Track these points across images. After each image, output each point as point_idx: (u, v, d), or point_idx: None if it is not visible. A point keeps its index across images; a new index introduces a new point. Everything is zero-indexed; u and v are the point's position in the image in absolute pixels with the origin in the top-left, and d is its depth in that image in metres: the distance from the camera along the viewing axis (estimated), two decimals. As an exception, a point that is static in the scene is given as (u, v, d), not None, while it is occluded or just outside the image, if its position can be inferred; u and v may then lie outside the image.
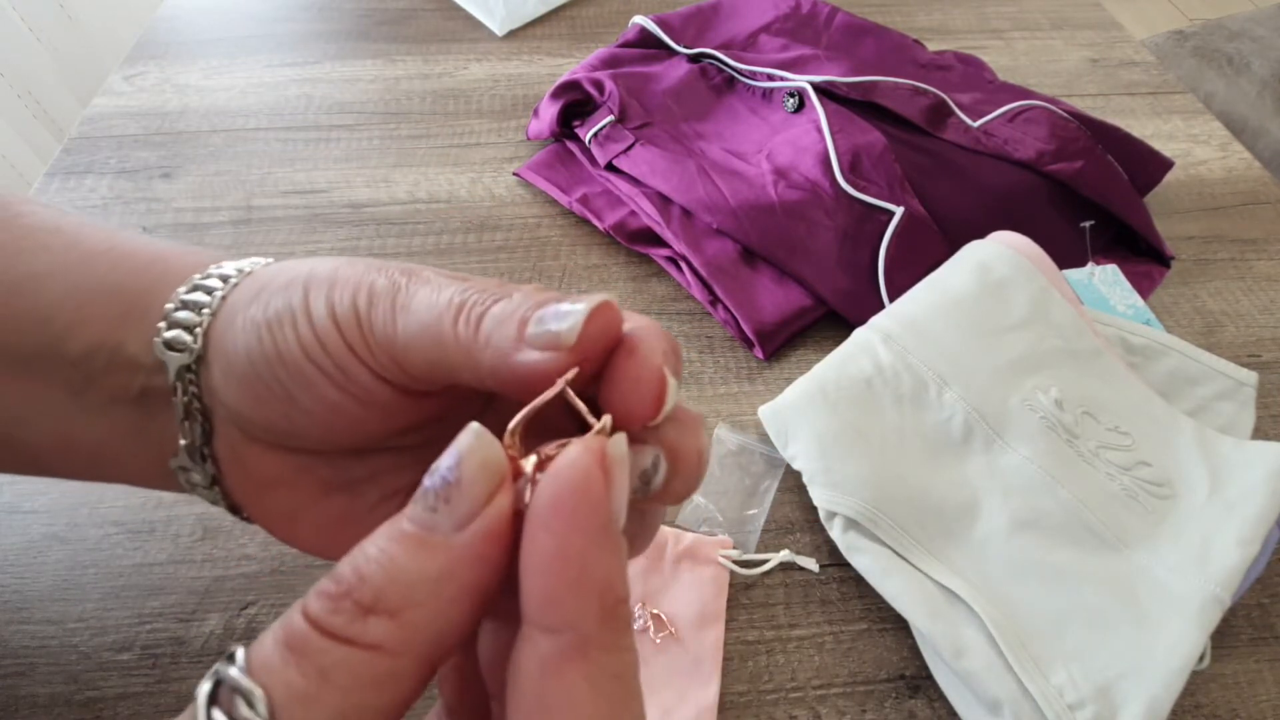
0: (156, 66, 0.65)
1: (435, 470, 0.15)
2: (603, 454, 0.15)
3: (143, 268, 0.23)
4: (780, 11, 0.65)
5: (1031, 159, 0.51)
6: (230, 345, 0.21)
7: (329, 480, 0.23)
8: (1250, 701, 0.35)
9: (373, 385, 0.20)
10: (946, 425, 0.40)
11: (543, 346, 0.17)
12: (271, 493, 0.23)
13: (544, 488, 0.15)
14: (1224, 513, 0.37)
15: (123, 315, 0.22)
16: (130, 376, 0.23)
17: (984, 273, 0.44)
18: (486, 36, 0.70)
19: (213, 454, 0.23)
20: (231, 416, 0.22)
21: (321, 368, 0.20)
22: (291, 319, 0.20)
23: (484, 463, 0.15)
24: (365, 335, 0.20)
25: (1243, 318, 0.51)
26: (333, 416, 0.21)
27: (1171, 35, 1.09)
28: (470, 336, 0.18)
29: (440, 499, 0.15)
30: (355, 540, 0.22)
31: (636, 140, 0.54)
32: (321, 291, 0.20)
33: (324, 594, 0.14)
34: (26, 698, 0.33)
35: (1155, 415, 0.40)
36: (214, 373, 0.22)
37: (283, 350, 0.20)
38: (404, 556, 0.14)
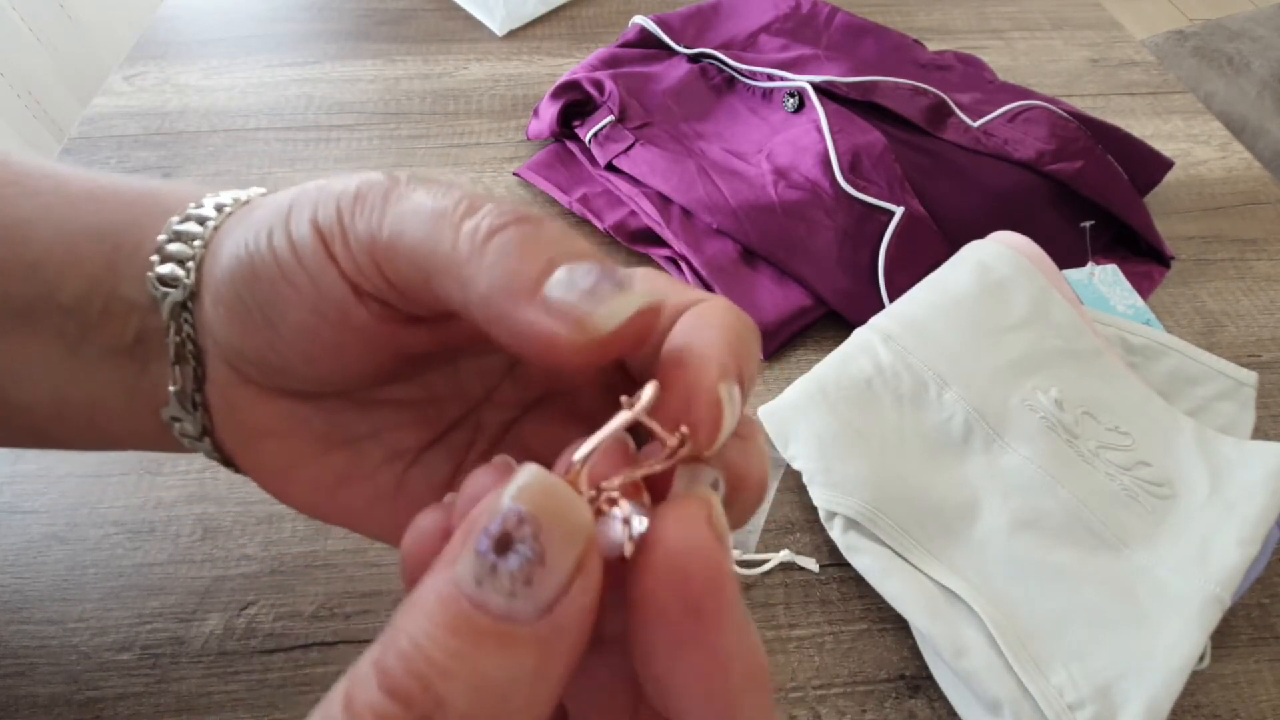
0: (156, 66, 0.65)
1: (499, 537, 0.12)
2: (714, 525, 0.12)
3: (130, 202, 0.22)
4: (780, 11, 0.65)
5: (1031, 159, 0.51)
6: (218, 271, 0.19)
7: (327, 434, 0.21)
8: (1250, 701, 0.35)
9: (347, 301, 0.17)
10: (946, 425, 0.40)
11: (563, 318, 0.14)
12: (264, 443, 0.21)
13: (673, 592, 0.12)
14: (1224, 513, 0.37)
15: (112, 253, 0.21)
16: (125, 320, 0.21)
17: (984, 273, 0.44)
18: (486, 36, 0.70)
19: (204, 401, 0.21)
20: (222, 353, 0.20)
21: (294, 283, 0.18)
22: (268, 231, 0.18)
23: (567, 526, 0.12)
24: (345, 233, 0.17)
25: (1243, 318, 0.50)
26: (311, 345, 0.18)
27: (1171, 35, 1.09)
28: (473, 248, 0.15)
29: (519, 580, 0.11)
30: (352, 506, 0.20)
31: (636, 140, 0.54)
32: (308, 200, 0.18)
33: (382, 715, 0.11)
34: (26, 698, 0.33)
35: (1155, 415, 0.40)
36: (205, 304, 0.20)
37: (258, 266, 0.18)
38: (485, 660, 0.11)
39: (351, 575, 0.37)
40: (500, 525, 0.12)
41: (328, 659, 0.35)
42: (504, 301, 0.14)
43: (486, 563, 0.11)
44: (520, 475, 0.12)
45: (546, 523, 0.12)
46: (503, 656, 0.11)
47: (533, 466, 0.12)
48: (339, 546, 0.38)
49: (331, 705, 0.11)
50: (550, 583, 0.12)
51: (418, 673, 0.11)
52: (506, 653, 0.11)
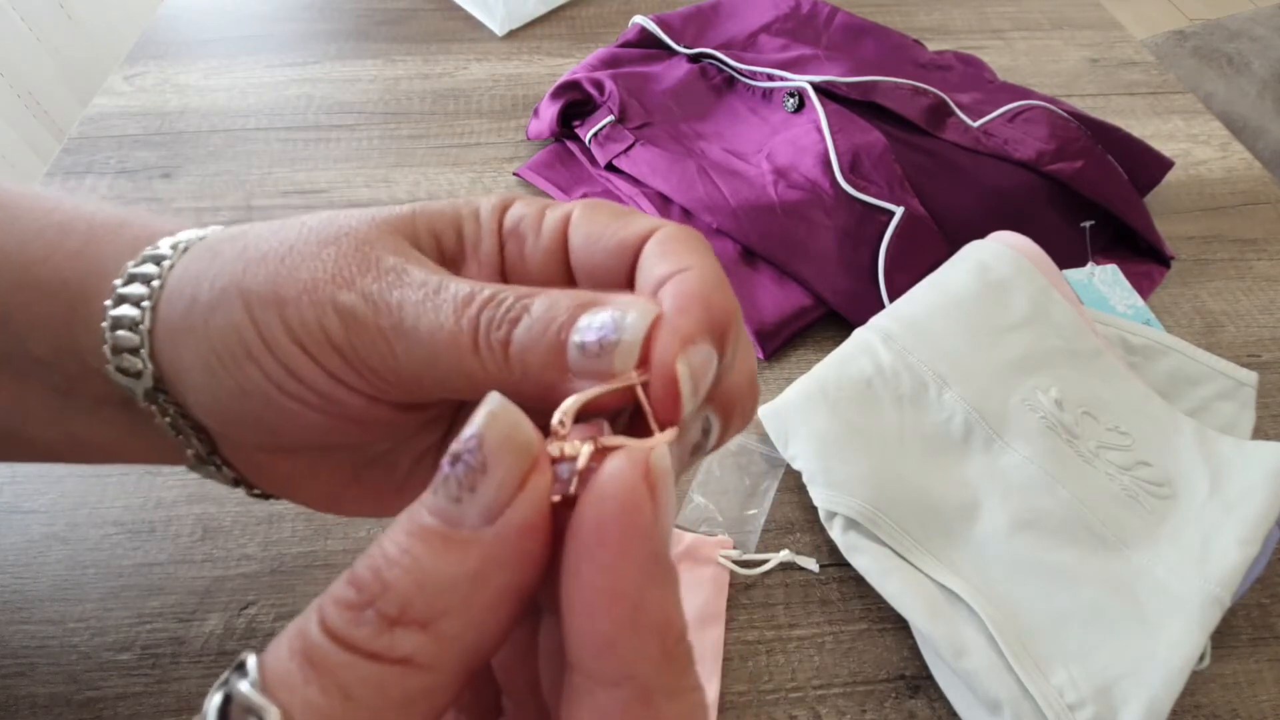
0: (156, 66, 0.65)
1: (454, 452, 0.13)
2: (647, 468, 0.13)
3: (78, 250, 0.21)
4: (780, 11, 0.65)
5: (1031, 159, 0.51)
6: (187, 376, 0.19)
7: (354, 463, 0.21)
8: (1250, 701, 0.35)
9: (367, 408, 0.18)
10: (946, 425, 0.40)
11: (595, 377, 0.15)
12: (301, 485, 0.22)
13: (585, 511, 0.13)
14: (1224, 513, 0.37)
15: (69, 316, 0.20)
16: (106, 384, 0.20)
17: (984, 272, 0.44)
18: (486, 36, 0.70)
19: (224, 460, 0.21)
20: (224, 436, 0.20)
21: (299, 398, 0.18)
22: (244, 349, 0.18)
23: (510, 441, 0.13)
24: (352, 364, 0.17)
25: (1243, 318, 0.50)
26: (324, 434, 0.19)
27: (1171, 35, 1.09)
28: (500, 365, 0.16)
29: (464, 487, 0.13)
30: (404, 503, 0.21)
31: (636, 140, 0.54)
32: (270, 310, 0.17)
33: (343, 603, 0.13)
34: (26, 698, 0.33)
35: (1155, 415, 0.40)
36: (184, 394, 0.19)
37: (245, 386, 0.18)
38: (429, 557, 0.12)
39: (351, 575, 0.37)
40: (458, 444, 0.13)
41: (328, 659, 0.35)
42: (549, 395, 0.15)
43: (442, 474, 0.13)
44: (484, 403, 0.13)
45: (491, 437, 0.13)
46: (443, 554, 0.12)
47: (493, 394, 0.13)
48: (339, 546, 0.38)
49: (307, 610, 0.13)
50: (491, 491, 0.13)
51: (373, 565, 0.13)
52: (447, 552, 0.12)
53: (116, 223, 0.22)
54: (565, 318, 0.15)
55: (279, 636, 0.13)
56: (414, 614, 0.12)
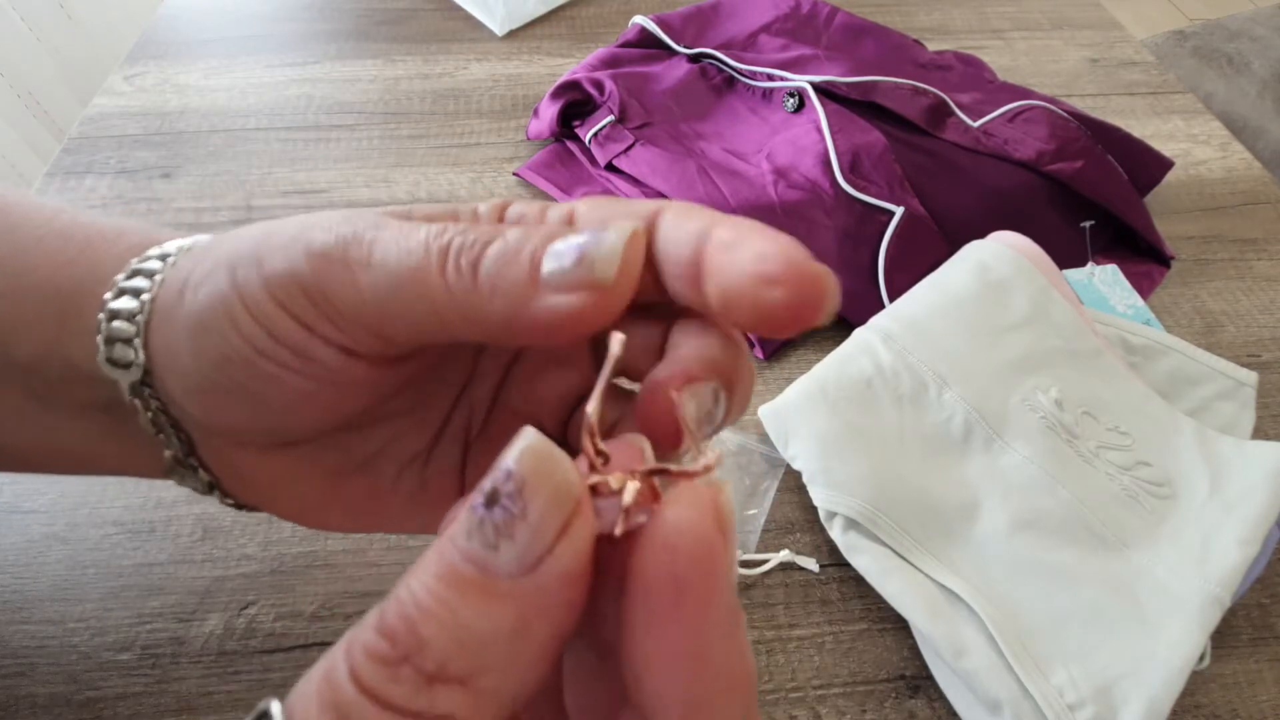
0: (156, 66, 0.65)
1: (489, 493, 0.12)
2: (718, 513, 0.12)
3: (74, 258, 0.21)
4: (780, 11, 0.65)
5: (1031, 159, 0.51)
6: (173, 354, 0.19)
7: (338, 466, 0.21)
8: (1250, 701, 0.35)
9: (343, 363, 0.17)
10: (946, 425, 0.40)
11: (571, 287, 0.14)
12: (282, 491, 0.21)
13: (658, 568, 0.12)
14: (1224, 513, 0.37)
15: (60, 320, 0.20)
16: (90, 388, 0.20)
17: (984, 272, 0.44)
18: (486, 36, 0.70)
19: (202, 463, 0.21)
20: (204, 427, 0.20)
21: (277, 359, 0.17)
22: (225, 311, 0.17)
23: (551, 482, 0.12)
24: (319, 306, 0.17)
25: (1243, 318, 0.50)
26: (307, 406, 0.18)
27: (1171, 35, 1.09)
28: (468, 285, 0.15)
29: (501, 533, 0.12)
30: (390, 515, 0.21)
31: (636, 140, 0.54)
32: (250, 267, 0.17)
33: (376, 656, 0.12)
34: (26, 698, 0.33)
35: (1155, 415, 0.40)
36: (169, 383, 0.19)
37: (227, 351, 0.18)
38: (467, 610, 0.12)
39: (351, 575, 0.37)
40: (491, 482, 0.12)
41: (328, 659, 0.35)
42: (520, 312, 0.15)
43: (476, 516, 0.12)
44: (518, 439, 0.12)
45: (531, 480, 0.12)
46: (483, 607, 0.12)
47: (529, 429, 0.12)
48: (339, 546, 0.38)
49: (335, 648, 0.12)
50: (531, 538, 0.12)
51: (406, 615, 0.12)
52: (487, 604, 0.12)
53: (115, 232, 0.22)
54: (539, 241, 0.15)
55: (304, 682, 0.12)
56: (453, 671, 0.12)
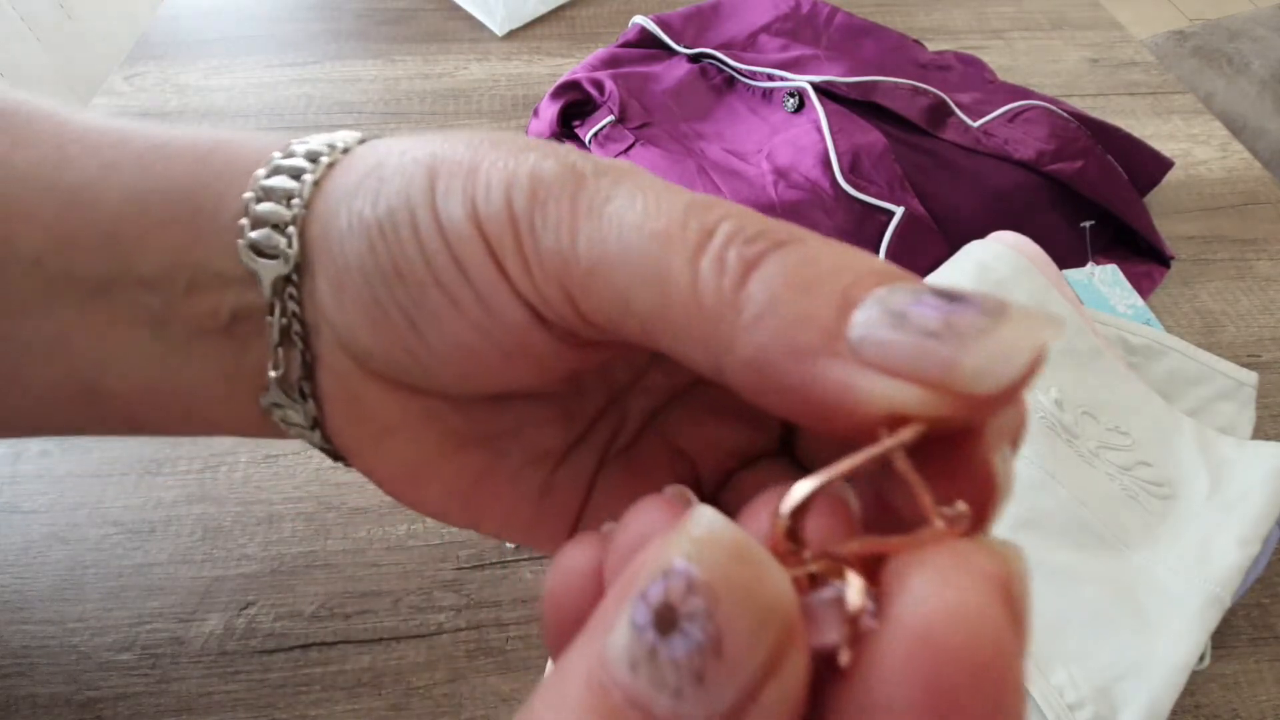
0: (156, 66, 0.65)
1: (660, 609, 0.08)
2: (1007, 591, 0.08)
3: (205, 155, 0.18)
4: (780, 11, 0.65)
5: (1031, 159, 0.51)
6: (337, 250, 0.16)
7: (462, 432, 0.17)
8: (1250, 701, 0.35)
9: (525, 329, 0.14)
10: (946, 425, 0.40)
11: (906, 373, 0.09)
12: (389, 442, 0.18)
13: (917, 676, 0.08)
14: (1224, 513, 0.37)
15: (193, 218, 0.17)
16: (218, 296, 0.18)
17: (984, 272, 0.44)
18: (486, 36, 0.70)
19: (315, 390, 0.18)
20: (343, 342, 0.17)
21: (455, 297, 0.14)
22: (411, 220, 0.14)
23: (763, 613, 0.08)
24: (523, 246, 0.13)
25: (1243, 318, 0.50)
26: (469, 362, 0.15)
27: (1171, 35, 1.09)
28: (726, 292, 0.11)
29: (686, 675, 0.08)
30: (494, 510, 0.18)
31: (636, 140, 0.54)
32: (456, 180, 0.14)
33: None
34: (26, 698, 0.33)
35: (1155, 415, 0.40)
36: (319, 284, 0.16)
37: (403, 267, 0.15)
38: None
39: (351, 575, 0.37)
40: (663, 591, 0.08)
41: (328, 659, 0.35)
42: (788, 363, 0.10)
43: (645, 642, 0.08)
44: (692, 522, 0.09)
45: (726, 596, 0.08)
46: None
47: (708, 511, 0.09)
48: (339, 546, 0.38)
49: None
50: (729, 682, 0.08)
51: None
52: None
53: (252, 135, 0.19)
54: (867, 273, 0.10)
55: None
56: None
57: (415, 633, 0.36)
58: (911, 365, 0.09)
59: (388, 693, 0.34)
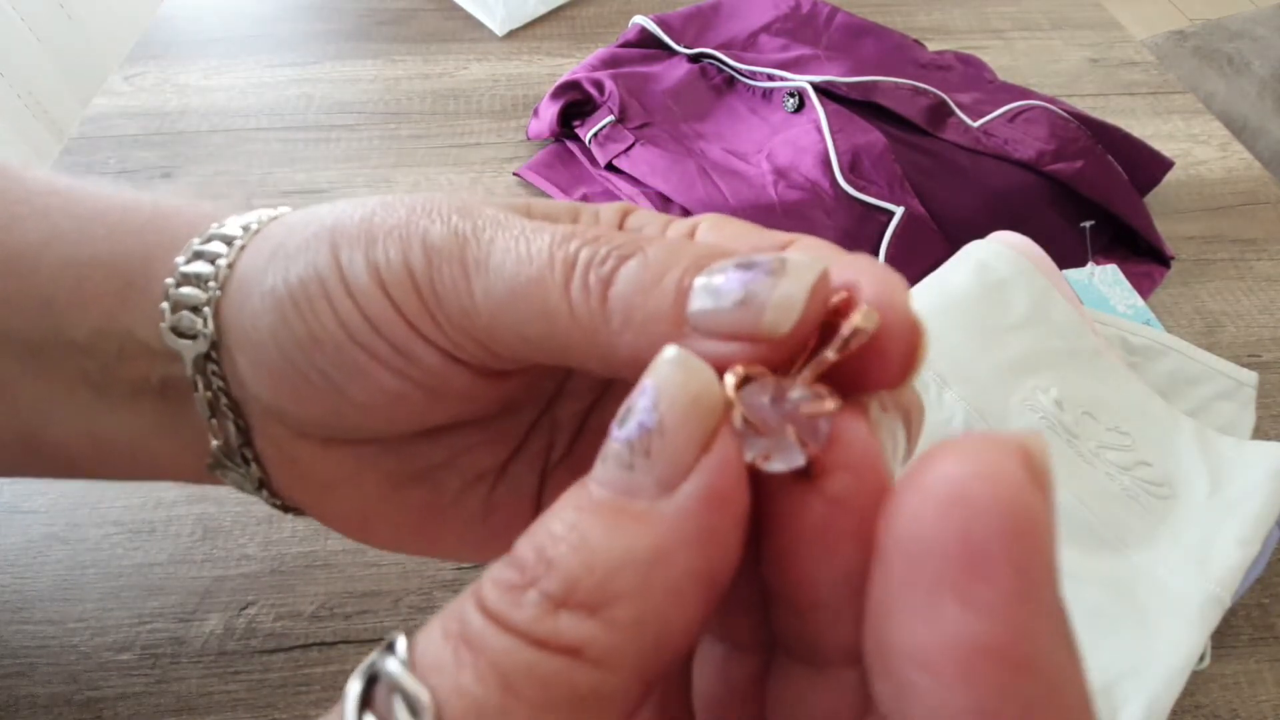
0: (156, 66, 0.65)
1: (627, 413, 0.11)
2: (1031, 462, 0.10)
3: (139, 229, 0.19)
4: (780, 11, 0.65)
5: (1032, 159, 0.51)
6: (250, 327, 0.17)
7: (398, 472, 0.19)
8: (1250, 701, 0.35)
9: (442, 368, 0.16)
10: (947, 425, 0.40)
11: (726, 334, 0.12)
12: (334, 494, 0.19)
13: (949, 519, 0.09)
14: (1224, 513, 0.37)
15: (123, 292, 0.19)
16: (147, 365, 0.19)
17: (984, 272, 0.44)
18: (486, 36, 0.70)
19: (255, 454, 0.19)
20: (269, 412, 0.18)
21: (373, 351, 0.16)
22: (322, 290, 0.16)
23: (695, 399, 0.11)
24: (428, 306, 0.15)
25: (1243, 318, 0.50)
26: (393, 407, 0.17)
27: (1171, 35, 1.09)
28: (594, 309, 0.13)
29: (638, 451, 0.11)
30: (443, 538, 0.19)
31: (636, 140, 0.54)
32: (357, 248, 0.16)
33: (502, 583, 0.11)
34: (26, 698, 0.33)
35: (1155, 415, 0.40)
36: (238, 361, 0.18)
37: (318, 333, 0.16)
38: (598, 532, 0.11)
39: (351, 575, 0.37)
40: (628, 401, 0.11)
41: (328, 659, 0.35)
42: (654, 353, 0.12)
43: (611, 440, 0.11)
44: (660, 355, 0.11)
45: (666, 389, 0.11)
46: (615, 530, 0.11)
47: (670, 346, 0.11)
48: (339, 546, 0.38)
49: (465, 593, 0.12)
50: (668, 454, 0.11)
51: (536, 543, 0.11)
52: (620, 527, 0.11)
53: (187, 204, 0.20)
54: (688, 265, 0.13)
55: (433, 619, 0.11)
56: (581, 596, 0.10)
57: (415, 633, 0.36)
58: (732, 329, 0.12)
59: (388, 693, 0.34)
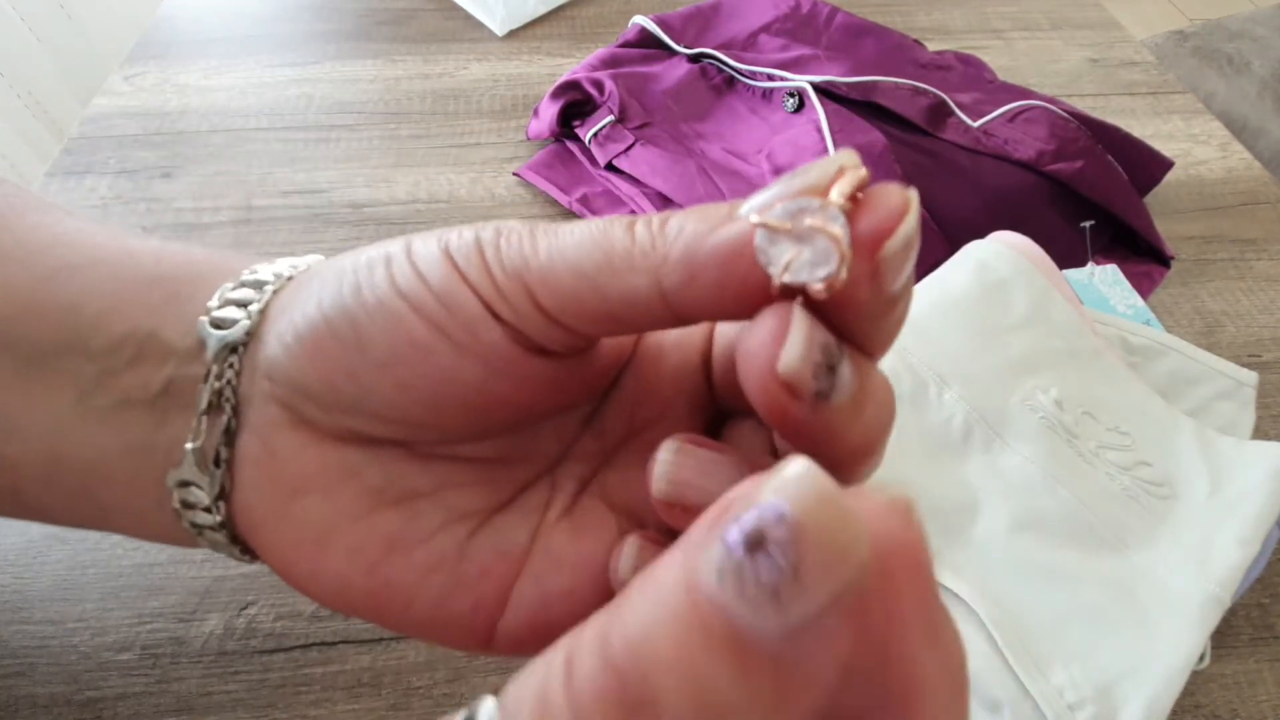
0: (156, 66, 0.65)
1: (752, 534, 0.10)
2: None
3: (193, 261, 0.20)
4: (780, 11, 0.65)
5: (1032, 159, 0.51)
6: (299, 307, 0.17)
7: (379, 489, 0.18)
8: (1250, 701, 0.35)
9: (479, 319, 0.16)
10: (946, 425, 0.40)
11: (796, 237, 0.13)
12: (299, 503, 0.18)
13: None
14: (1224, 513, 0.37)
15: (163, 302, 0.19)
16: (156, 368, 0.19)
17: (984, 272, 0.44)
18: (486, 36, 0.70)
19: (231, 457, 0.18)
20: (279, 392, 0.18)
21: (414, 300, 0.16)
22: (386, 260, 0.17)
23: (838, 555, 0.10)
24: (486, 260, 0.16)
25: (1243, 318, 0.51)
26: (422, 375, 0.16)
27: (1171, 35, 1.09)
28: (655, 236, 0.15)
29: (763, 592, 0.10)
30: (397, 576, 0.17)
31: (636, 140, 0.54)
32: (429, 239, 0.17)
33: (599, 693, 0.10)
34: (26, 698, 0.33)
35: (1155, 415, 0.40)
36: (266, 343, 0.18)
37: (366, 288, 0.16)
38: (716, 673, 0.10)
39: (351, 575, 0.37)
40: (755, 520, 0.10)
41: (328, 659, 0.35)
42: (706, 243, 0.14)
43: (733, 559, 0.10)
44: (789, 466, 0.10)
45: (811, 533, 0.10)
46: (731, 670, 0.10)
47: (804, 460, 0.10)
48: (339, 546, 0.38)
49: (552, 662, 0.11)
50: (799, 604, 0.10)
51: (638, 655, 0.10)
52: (736, 668, 0.10)
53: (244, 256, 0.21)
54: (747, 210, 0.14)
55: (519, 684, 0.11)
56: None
57: (415, 633, 0.36)
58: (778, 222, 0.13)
59: (388, 693, 0.34)
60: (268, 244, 0.52)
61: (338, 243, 0.52)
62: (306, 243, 0.52)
